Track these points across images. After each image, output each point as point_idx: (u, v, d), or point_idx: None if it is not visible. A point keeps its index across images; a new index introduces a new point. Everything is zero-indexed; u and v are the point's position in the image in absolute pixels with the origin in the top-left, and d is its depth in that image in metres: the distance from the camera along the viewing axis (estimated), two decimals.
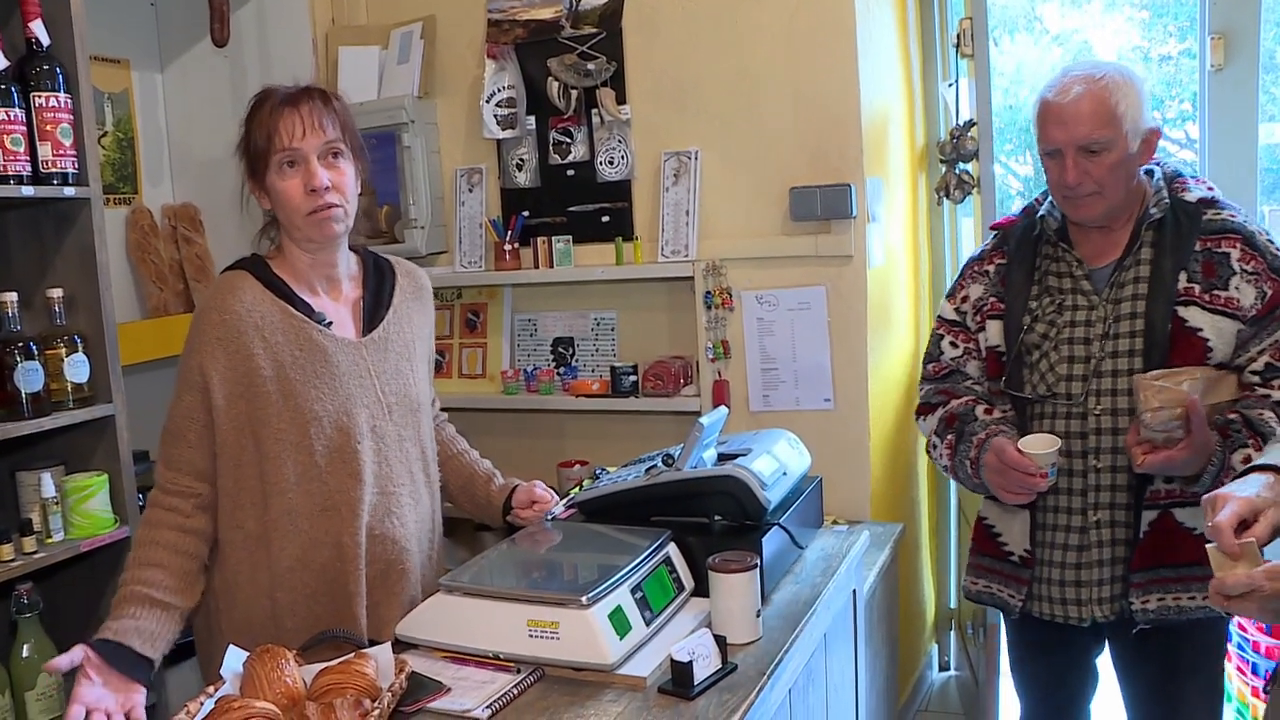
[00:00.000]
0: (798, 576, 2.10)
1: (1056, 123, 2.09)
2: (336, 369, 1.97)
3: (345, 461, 1.95)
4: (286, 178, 1.95)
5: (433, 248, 3.52)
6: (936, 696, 3.88)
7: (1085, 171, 2.08)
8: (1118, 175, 2.08)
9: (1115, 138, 2.05)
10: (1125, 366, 2.12)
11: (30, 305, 2.51)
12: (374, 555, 2.00)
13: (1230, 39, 3.13)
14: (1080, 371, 2.16)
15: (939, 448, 2.31)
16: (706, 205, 3.22)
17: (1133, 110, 2.06)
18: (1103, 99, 2.05)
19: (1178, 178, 2.19)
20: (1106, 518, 2.17)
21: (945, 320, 2.39)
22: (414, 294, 2.19)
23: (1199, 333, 2.07)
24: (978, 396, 2.31)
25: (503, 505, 2.25)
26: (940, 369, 2.38)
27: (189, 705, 1.56)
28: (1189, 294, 2.08)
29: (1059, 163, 2.10)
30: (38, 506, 2.46)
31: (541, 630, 1.71)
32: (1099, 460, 2.16)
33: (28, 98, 2.40)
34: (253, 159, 1.97)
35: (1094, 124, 2.05)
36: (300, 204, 1.94)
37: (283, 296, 1.97)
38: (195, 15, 3.37)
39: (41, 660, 2.37)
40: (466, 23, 3.48)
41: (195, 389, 1.92)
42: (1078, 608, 2.21)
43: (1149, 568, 2.14)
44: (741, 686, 1.65)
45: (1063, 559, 2.22)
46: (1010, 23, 3.96)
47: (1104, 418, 2.15)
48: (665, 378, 3.27)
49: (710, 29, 3.16)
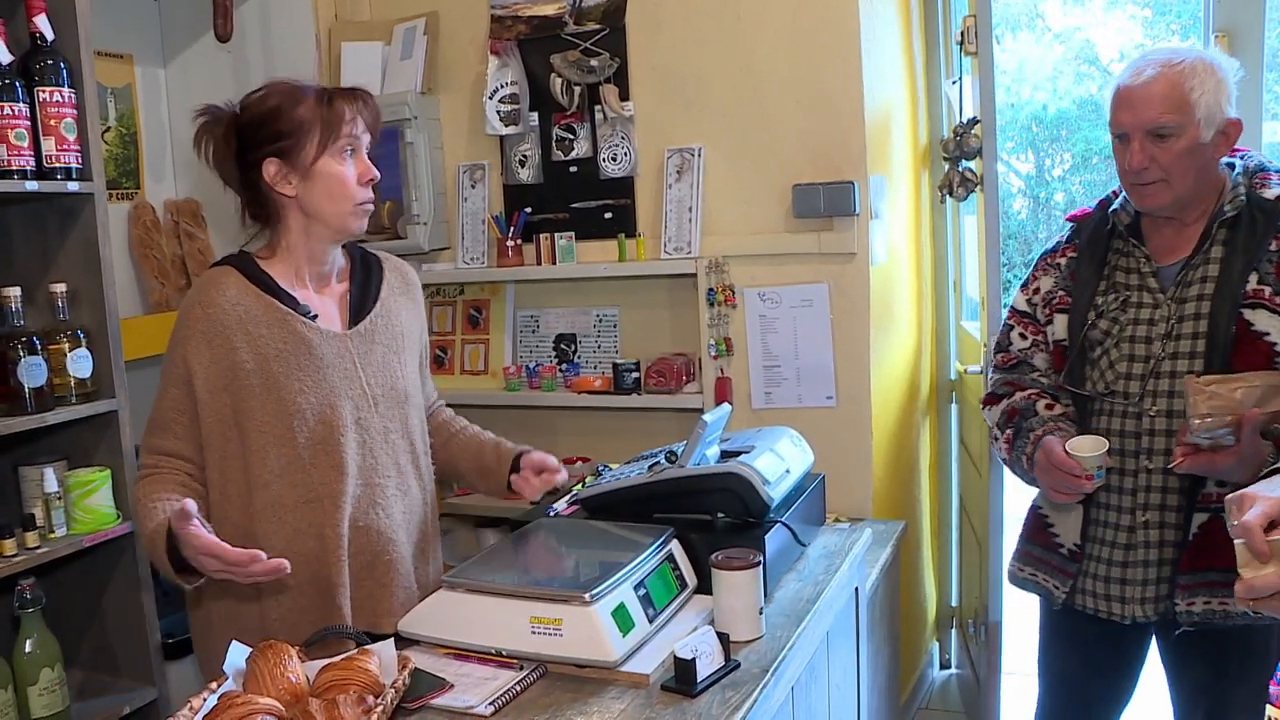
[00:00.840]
0: (800, 574, 2.11)
1: (1125, 106, 2.05)
2: (321, 361, 1.97)
3: (328, 453, 1.96)
4: (347, 164, 1.96)
5: (435, 244, 3.52)
6: (938, 694, 3.88)
7: (1151, 157, 2.02)
8: (1185, 164, 2.02)
9: (1185, 123, 2.00)
10: (1185, 368, 2.06)
11: (33, 300, 2.51)
12: (359, 547, 2.00)
13: (1234, 37, 3.12)
14: (1139, 370, 2.11)
15: (999, 440, 2.28)
16: (709, 202, 3.22)
17: (1208, 98, 2.00)
18: (1176, 83, 2.00)
19: (1261, 171, 2.11)
20: (1156, 519, 2.13)
21: (1017, 311, 2.36)
22: (402, 289, 2.19)
23: (1265, 337, 1.99)
24: (1042, 390, 2.27)
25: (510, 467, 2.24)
26: (1009, 359, 2.36)
27: (192, 701, 1.56)
28: (1258, 296, 2.00)
29: (1126, 146, 2.06)
30: (40, 501, 2.46)
31: (544, 627, 1.71)
32: (1152, 461, 2.11)
33: (32, 92, 2.40)
34: (295, 140, 1.93)
35: (1163, 108, 2.00)
36: (355, 192, 1.97)
37: (267, 291, 1.97)
38: (198, 10, 3.37)
39: (44, 655, 2.38)
40: (470, 19, 3.48)
41: (180, 382, 1.93)
42: (1121, 604, 2.18)
43: (1197, 570, 2.09)
44: (744, 684, 1.65)
45: (1109, 555, 2.18)
46: (1013, 20, 3.97)
47: (1159, 419, 2.10)
48: (668, 375, 3.27)
49: (713, 26, 3.16)
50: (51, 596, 2.46)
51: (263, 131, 1.94)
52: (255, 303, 1.95)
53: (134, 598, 2.62)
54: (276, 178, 1.95)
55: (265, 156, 1.94)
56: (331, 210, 1.97)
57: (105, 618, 2.66)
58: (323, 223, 1.99)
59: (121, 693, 2.60)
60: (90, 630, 2.68)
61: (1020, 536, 2.40)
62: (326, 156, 1.94)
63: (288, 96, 1.95)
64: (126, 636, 2.64)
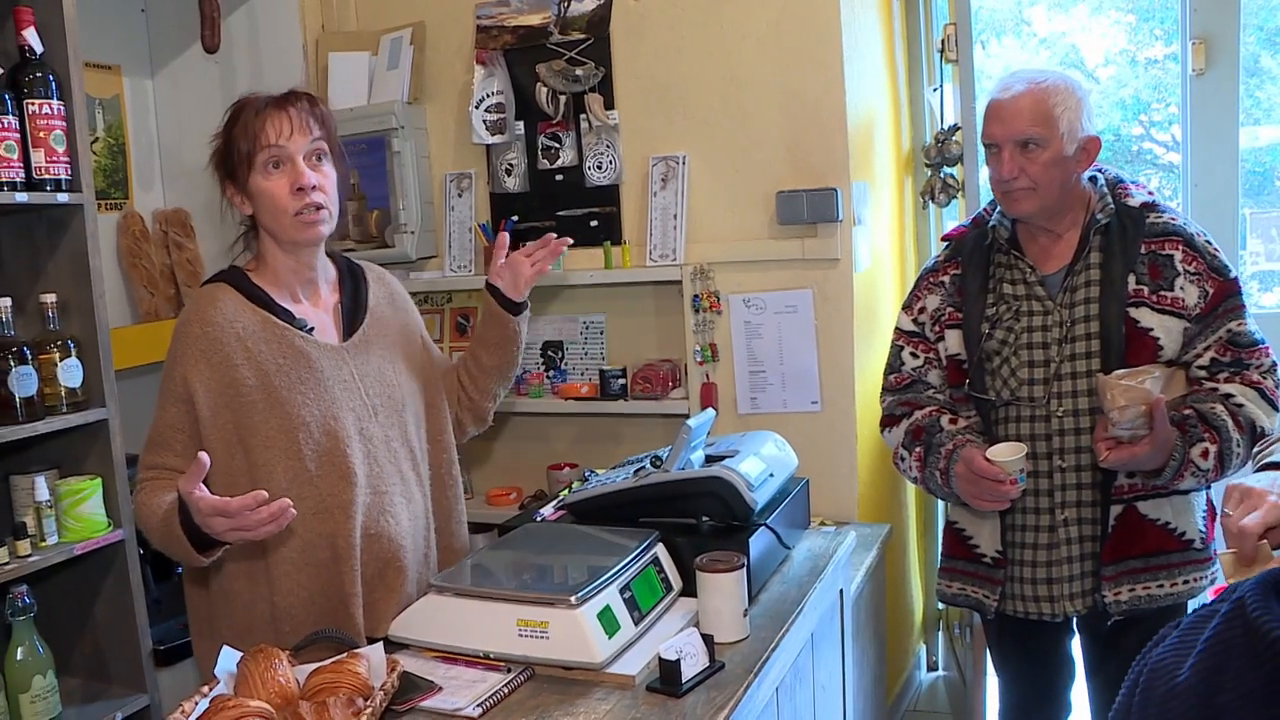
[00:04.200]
0: (785, 577, 2.13)
1: (996, 119, 2.19)
2: (321, 374, 1.98)
3: (335, 465, 1.96)
4: (272, 178, 1.96)
5: (423, 252, 3.54)
6: (925, 696, 3.91)
7: (1021, 167, 2.16)
8: (1052, 174, 2.17)
9: (1050, 137, 2.15)
10: (1084, 368, 2.20)
11: (24, 310, 2.52)
12: (370, 554, 2.01)
13: (1211, 44, 3.17)
14: (1041, 375, 2.23)
15: (907, 460, 2.36)
16: (694, 209, 3.25)
17: (1070, 115, 2.16)
18: (1041, 99, 2.15)
19: (1119, 184, 2.28)
20: (1074, 515, 2.25)
21: (904, 331, 2.44)
22: (388, 298, 2.21)
23: (1150, 332, 2.16)
24: (941, 405, 2.37)
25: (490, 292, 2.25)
26: (902, 379, 2.44)
27: (184, 705, 1.58)
28: (1138, 295, 2.17)
29: (997, 157, 2.19)
30: (32, 510, 2.47)
31: (531, 630, 1.73)
32: (1064, 460, 2.24)
33: (21, 105, 2.42)
34: (234, 162, 1.97)
35: (1030, 120, 2.15)
36: (287, 204, 1.95)
37: (263, 306, 1.98)
38: (186, 21, 3.39)
39: (36, 663, 2.39)
40: (455, 29, 3.50)
41: (180, 400, 1.93)
42: (1050, 604, 2.28)
43: (1118, 560, 2.22)
44: (729, 684, 1.68)
45: (1033, 558, 2.29)
46: (998, 26, 3.99)
47: (1067, 419, 2.22)
48: (654, 380, 3.29)
49: (697, 35, 3.19)
50: (43, 604, 2.47)
51: (219, 154, 2.00)
52: (252, 318, 1.96)
53: (125, 605, 2.62)
54: (234, 199, 2.02)
55: (223, 179, 2.00)
56: (274, 225, 1.99)
57: (97, 625, 2.67)
58: (278, 237, 2.01)
59: (113, 699, 2.60)
60: (82, 637, 2.69)
61: (941, 555, 2.49)
62: (254, 174, 1.97)
63: (233, 118, 1.99)
64: (118, 644, 2.65)
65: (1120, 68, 3.87)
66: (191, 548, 1.78)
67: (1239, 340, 2.15)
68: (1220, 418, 2.08)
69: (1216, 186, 3.22)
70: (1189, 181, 3.27)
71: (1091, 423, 2.19)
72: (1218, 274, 2.16)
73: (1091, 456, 2.17)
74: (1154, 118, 3.87)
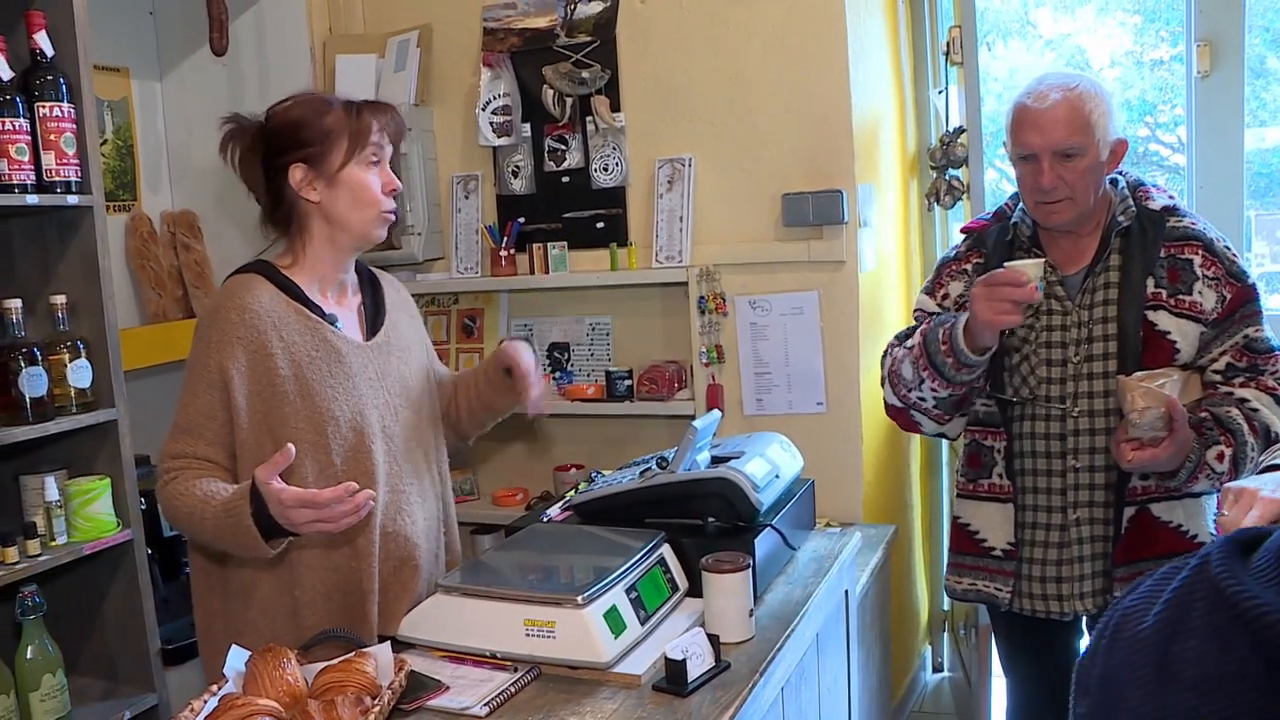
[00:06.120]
0: (790, 577, 2.14)
1: (1034, 128, 2.14)
2: (350, 370, 1.99)
3: (360, 461, 1.97)
4: (371, 172, 1.98)
5: (430, 254, 3.56)
6: (930, 697, 3.91)
7: (1060, 177, 2.13)
8: (1088, 181, 2.15)
9: (1088, 144, 2.12)
10: (1101, 370, 2.20)
11: (34, 311, 2.53)
12: (388, 553, 2.01)
13: (1216, 45, 3.17)
14: (1059, 375, 2.23)
15: (898, 350, 2.29)
16: (700, 211, 3.26)
17: (1103, 120, 2.14)
18: (1078, 106, 2.12)
19: (1140, 186, 2.27)
20: (1086, 515, 2.24)
21: (927, 312, 2.40)
22: (402, 305, 2.23)
23: (1167, 336, 2.15)
24: None
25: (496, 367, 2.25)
26: None
27: (193, 703, 1.59)
28: (1157, 299, 2.16)
29: (1034, 167, 2.15)
30: (41, 510, 2.49)
31: (538, 630, 1.74)
32: (1078, 460, 2.23)
33: (32, 108, 2.44)
34: (326, 148, 1.95)
35: (1070, 130, 2.11)
36: (379, 199, 1.99)
37: (295, 298, 1.98)
38: (194, 24, 3.40)
39: (46, 662, 2.41)
40: (462, 31, 3.52)
41: (215, 388, 1.89)
42: (1059, 602, 2.28)
43: (1131, 562, 2.22)
44: (734, 684, 1.68)
45: (1044, 556, 2.28)
46: (1004, 28, 3.99)
47: (1083, 419, 2.22)
48: (660, 382, 3.30)
49: (703, 37, 3.20)
50: (52, 603, 2.49)
51: (290, 137, 1.96)
52: (286, 309, 1.95)
53: (134, 604, 2.64)
54: (302, 183, 1.96)
55: (292, 162, 1.95)
56: (356, 217, 1.98)
57: (105, 624, 2.69)
58: (346, 230, 1.99)
59: (122, 698, 2.62)
60: (91, 637, 2.71)
61: (948, 551, 2.48)
62: (353, 165, 1.96)
63: (315, 106, 1.98)
64: (127, 643, 2.67)
65: (1126, 69, 3.87)
66: (261, 538, 1.75)
67: (1255, 346, 2.15)
68: (1236, 421, 2.08)
69: (1222, 188, 3.22)
70: (1194, 183, 3.27)
71: (1107, 424, 2.19)
72: (1236, 280, 2.16)
73: (1106, 457, 2.18)
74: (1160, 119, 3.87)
